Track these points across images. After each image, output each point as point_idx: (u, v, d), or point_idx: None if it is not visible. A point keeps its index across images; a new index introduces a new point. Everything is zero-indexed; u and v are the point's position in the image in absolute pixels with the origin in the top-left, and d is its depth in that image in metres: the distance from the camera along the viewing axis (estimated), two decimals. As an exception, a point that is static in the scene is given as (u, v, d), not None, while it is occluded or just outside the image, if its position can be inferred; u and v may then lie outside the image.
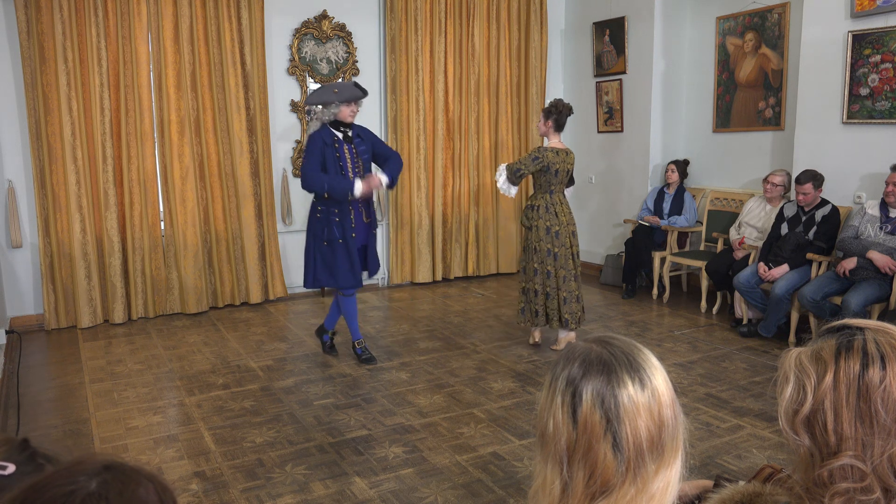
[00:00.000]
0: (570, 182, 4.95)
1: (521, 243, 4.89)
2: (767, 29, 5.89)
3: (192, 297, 5.89)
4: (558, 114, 4.70)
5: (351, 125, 4.48)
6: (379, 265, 4.78)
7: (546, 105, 4.81)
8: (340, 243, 4.42)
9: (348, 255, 4.44)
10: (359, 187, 4.34)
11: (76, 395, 4.18)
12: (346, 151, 4.42)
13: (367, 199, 4.52)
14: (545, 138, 4.86)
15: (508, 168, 4.70)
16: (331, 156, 4.37)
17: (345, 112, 4.36)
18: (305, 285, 4.63)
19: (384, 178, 4.49)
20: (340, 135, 4.43)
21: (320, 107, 4.39)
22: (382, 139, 6.76)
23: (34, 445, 0.85)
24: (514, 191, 4.76)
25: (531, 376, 4.44)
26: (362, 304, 6.28)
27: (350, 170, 4.42)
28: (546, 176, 4.69)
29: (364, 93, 4.45)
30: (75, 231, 5.43)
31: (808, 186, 4.93)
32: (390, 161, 4.59)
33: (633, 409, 1.01)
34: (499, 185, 4.73)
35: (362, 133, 4.57)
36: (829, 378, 1.02)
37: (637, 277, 6.50)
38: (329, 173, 4.37)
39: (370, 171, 4.58)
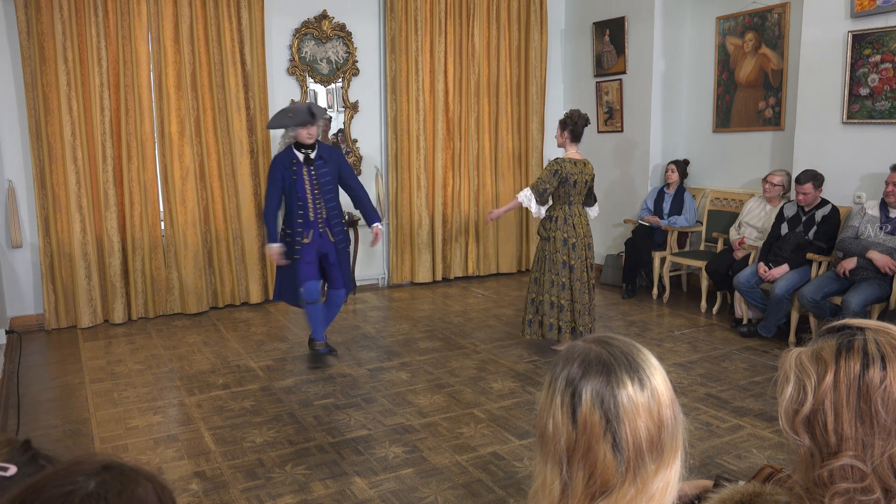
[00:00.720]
0: (593, 199, 4.92)
1: (536, 253, 4.84)
2: (767, 29, 5.89)
3: (192, 297, 5.89)
4: (574, 124, 4.65)
5: (314, 145, 4.51)
6: (352, 285, 4.80)
7: (562, 116, 4.80)
8: (288, 262, 4.55)
9: (293, 275, 4.53)
10: (270, 250, 4.53)
11: (76, 395, 4.18)
12: (305, 174, 4.47)
13: (329, 221, 4.56)
14: (563, 149, 4.80)
15: (534, 190, 4.63)
16: (289, 178, 4.46)
17: (302, 134, 4.41)
18: (273, 297, 4.86)
19: (380, 229, 4.69)
20: (301, 157, 4.47)
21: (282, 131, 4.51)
22: (381, 140, 6.79)
23: (36, 447, 0.85)
24: (545, 210, 4.75)
25: (531, 376, 4.44)
26: (362, 304, 6.28)
27: (308, 191, 4.47)
28: (565, 187, 4.62)
29: (312, 116, 4.41)
30: (75, 231, 5.43)
31: (808, 186, 4.93)
32: (361, 199, 4.67)
33: (633, 409, 1.01)
34: (532, 212, 4.70)
35: (327, 155, 4.56)
36: (829, 378, 1.02)
37: (637, 277, 6.50)
38: (287, 197, 4.49)
39: (334, 194, 4.59)
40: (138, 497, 0.72)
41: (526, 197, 4.69)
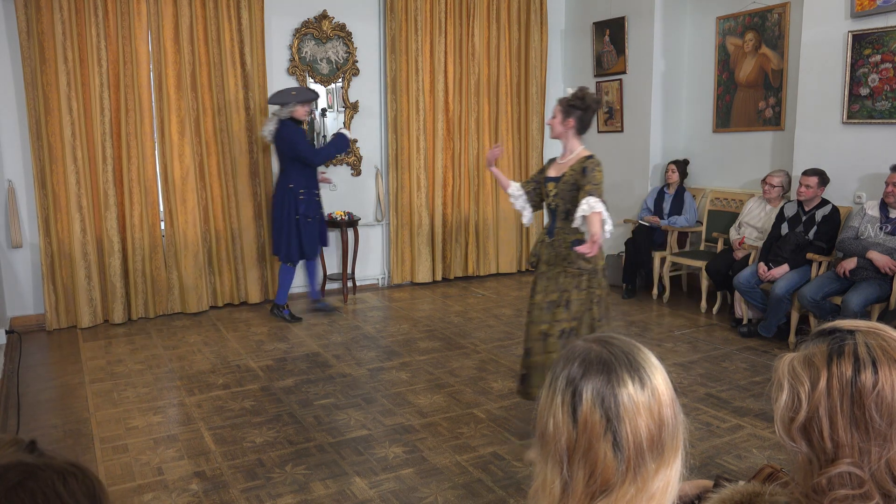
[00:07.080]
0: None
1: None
2: (767, 29, 5.89)
3: (192, 297, 5.89)
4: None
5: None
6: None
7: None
8: (309, 221, 5.55)
9: (310, 232, 5.60)
10: (348, 133, 5.76)
11: (76, 395, 4.18)
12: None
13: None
14: None
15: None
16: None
17: (301, 111, 5.46)
18: (282, 257, 5.65)
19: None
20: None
21: (279, 106, 5.47)
22: (381, 140, 6.84)
23: (41, 448, 0.86)
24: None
25: (531, 376, 4.43)
26: (362, 305, 6.28)
27: None
28: None
29: (317, 95, 5.75)
30: (75, 231, 5.43)
31: (814, 179, 4.92)
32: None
33: (633, 408, 1.00)
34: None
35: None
36: (822, 384, 1.01)
37: (637, 277, 6.50)
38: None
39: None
40: (33, 492, 0.72)
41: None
